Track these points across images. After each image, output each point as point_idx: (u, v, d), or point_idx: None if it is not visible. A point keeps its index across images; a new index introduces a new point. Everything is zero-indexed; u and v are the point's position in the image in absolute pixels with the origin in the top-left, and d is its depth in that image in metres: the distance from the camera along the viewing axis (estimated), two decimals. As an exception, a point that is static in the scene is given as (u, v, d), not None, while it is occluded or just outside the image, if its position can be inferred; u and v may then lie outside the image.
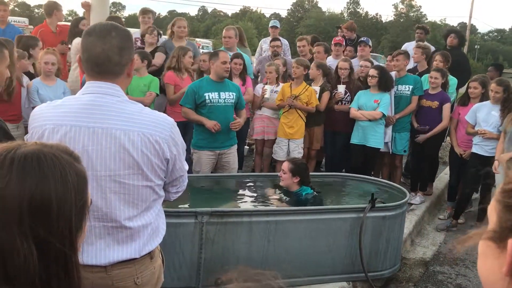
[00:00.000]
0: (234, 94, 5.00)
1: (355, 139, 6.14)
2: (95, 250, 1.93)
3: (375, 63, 6.87)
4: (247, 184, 5.05)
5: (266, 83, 6.35)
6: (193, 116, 4.93)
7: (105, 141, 1.89)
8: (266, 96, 6.20)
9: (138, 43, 6.56)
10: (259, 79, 7.26)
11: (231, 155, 5.11)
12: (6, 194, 0.97)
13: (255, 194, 4.76)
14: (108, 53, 1.92)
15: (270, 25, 8.40)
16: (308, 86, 6.17)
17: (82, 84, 5.84)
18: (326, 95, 6.25)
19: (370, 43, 7.47)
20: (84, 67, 1.99)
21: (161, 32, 6.76)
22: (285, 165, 4.42)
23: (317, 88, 6.18)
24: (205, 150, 4.94)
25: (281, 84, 6.37)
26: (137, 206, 2.00)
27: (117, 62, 1.95)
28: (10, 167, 1.00)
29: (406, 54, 6.46)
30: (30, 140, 1.89)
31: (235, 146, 5.21)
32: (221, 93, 4.89)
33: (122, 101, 1.97)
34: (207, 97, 4.83)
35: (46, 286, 1.00)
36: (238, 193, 4.86)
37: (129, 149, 1.91)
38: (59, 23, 7.17)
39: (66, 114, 1.92)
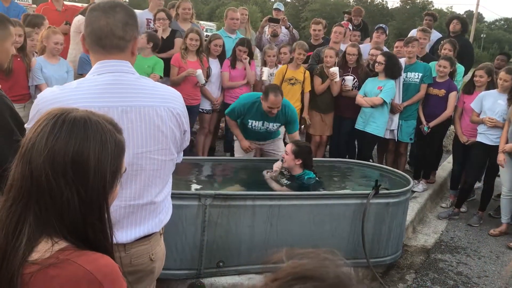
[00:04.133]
0: (279, 124, 4.96)
1: (357, 125, 6.14)
2: (119, 229, 1.91)
3: (385, 49, 6.80)
4: (251, 168, 5.03)
5: (265, 66, 6.36)
6: (235, 130, 5.07)
7: (135, 119, 1.88)
8: (263, 78, 6.19)
9: (151, 25, 6.48)
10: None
11: (275, 142, 5.20)
12: (55, 149, 1.18)
13: (258, 178, 4.75)
14: (111, 27, 1.88)
15: (274, 8, 8.31)
16: (306, 70, 6.19)
17: (81, 63, 5.81)
18: (317, 80, 6.25)
19: (387, 32, 7.34)
20: (87, 42, 1.94)
21: (171, 15, 6.64)
22: (289, 147, 4.43)
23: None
24: (248, 139, 5.06)
25: (279, 67, 6.35)
26: (163, 180, 2.04)
27: (120, 36, 1.90)
28: (61, 127, 1.21)
29: (419, 41, 6.39)
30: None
31: (277, 137, 5.26)
32: (265, 122, 4.87)
33: (139, 77, 1.97)
34: (250, 124, 4.89)
35: (84, 234, 1.21)
36: (242, 176, 4.85)
37: (159, 125, 1.94)
38: (66, 2, 7.09)
39: (89, 95, 1.85)
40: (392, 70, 5.95)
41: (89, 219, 1.22)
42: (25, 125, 1.92)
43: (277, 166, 4.53)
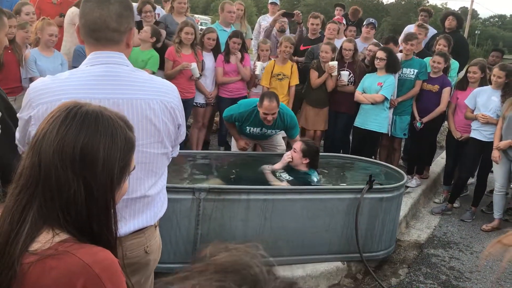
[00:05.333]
0: (278, 130, 4.93)
1: (357, 122, 6.11)
2: None
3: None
4: (245, 162, 5.03)
5: (258, 60, 6.34)
6: (232, 131, 5.07)
7: (126, 112, 1.83)
8: (256, 72, 6.17)
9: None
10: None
11: (272, 137, 5.14)
12: (65, 140, 1.20)
13: (252, 172, 4.74)
14: (105, 19, 1.85)
15: (269, 2, 8.25)
16: (293, 64, 6.21)
17: (75, 55, 5.77)
18: (313, 73, 6.24)
19: (376, 26, 7.37)
20: (81, 34, 1.92)
21: (156, 6, 6.59)
22: (298, 145, 4.41)
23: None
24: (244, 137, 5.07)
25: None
26: (156, 174, 2.02)
27: (114, 29, 1.87)
28: (73, 119, 1.23)
29: (418, 39, 6.39)
30: (39, 117, 1.77)
31: (276, 134, 5.16)
32: (263, 129, 4.83)
33: (133, 70, 1.95)
34: (248, 130, 4.87)
35: (88, 227, 1.22)
36: (236, 170, 4.84)
37: (151, 118, 1.91)
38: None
39: (81, 86, 1.82)
40: (393, 65, 5.94)
41: (94, 212, 1.22)
42: (18, 114, 1.90)
43: (287, 156, 4.43)
